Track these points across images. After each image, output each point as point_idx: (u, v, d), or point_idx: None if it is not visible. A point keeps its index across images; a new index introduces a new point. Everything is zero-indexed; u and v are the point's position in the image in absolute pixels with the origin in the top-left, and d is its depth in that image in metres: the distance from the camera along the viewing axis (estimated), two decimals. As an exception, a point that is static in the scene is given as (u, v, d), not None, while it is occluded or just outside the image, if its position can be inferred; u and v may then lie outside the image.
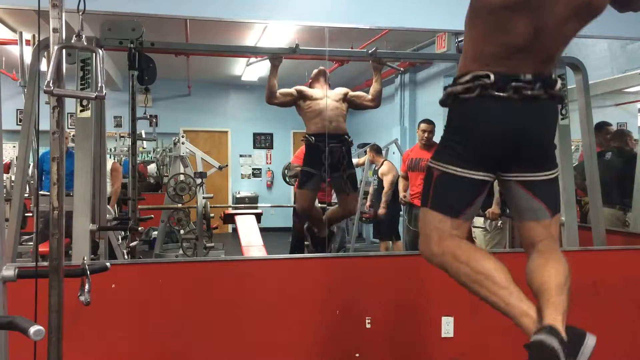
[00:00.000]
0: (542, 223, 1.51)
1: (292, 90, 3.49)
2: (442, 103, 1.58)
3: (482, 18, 1.47)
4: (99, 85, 1.24)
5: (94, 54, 2.50)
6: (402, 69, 6.52)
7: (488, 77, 1.43)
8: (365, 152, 6.36)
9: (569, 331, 1.32)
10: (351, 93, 3.57)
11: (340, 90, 3.59)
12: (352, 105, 3.57)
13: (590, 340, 1.32)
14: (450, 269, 1.47)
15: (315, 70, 3.66)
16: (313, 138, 3.44)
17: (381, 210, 5.21)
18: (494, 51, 1.45)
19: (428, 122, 4.39)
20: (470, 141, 1.48)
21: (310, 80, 3.64)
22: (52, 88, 1.19)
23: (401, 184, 4.73)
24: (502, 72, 1.43)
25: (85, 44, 1.31)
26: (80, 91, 2.47)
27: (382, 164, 5.43)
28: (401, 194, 4.77)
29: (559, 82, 1.51)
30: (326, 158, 3.38)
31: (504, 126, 1.46)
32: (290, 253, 4.39)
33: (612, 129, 4.31)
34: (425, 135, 4.36)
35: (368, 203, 5.66)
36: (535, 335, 1.31)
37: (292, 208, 4.92)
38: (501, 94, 1.43)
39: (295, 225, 4.74)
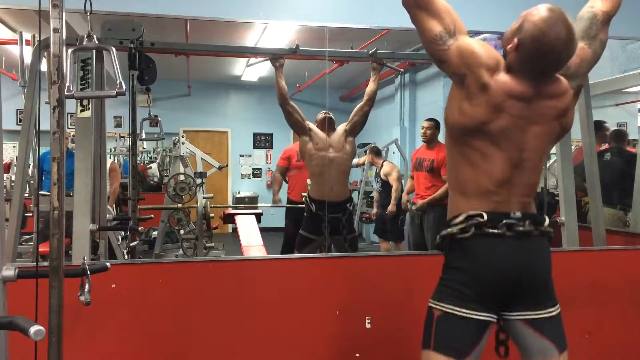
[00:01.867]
0: None
1: (304, 120, 3.45)
2: (438, 247, 1.61)
3: (457, 148, 1.55)
4: (118, 81, 1.25)
5: (94, 54, 2.50)
6: (402, 69, 6.52)
7: (481, 216, 1.48)
8: (366, 152, 6.36)
9: None
10: (348, 123, 3.52)
11: (340, 130, 3.52)
12: (356, 127, 3.52)
13: None
14: None
15: (320, 116, 3.59)
16: (314, 206, 3.41)
17: (391, 208, 5.19)
18: (477, 184, 1.51)
19: (429, 119, 4.40)
20: (470, 280, 1.49)
21: (316, 124, 3.58)
22: (73, 91, 1.19)
23: (408, 184, 4.74)
24: (493, 211, 1.48)
25: (97, 43, 1.31)
26: (100, 91, 2.48)
27: (382, 166, 5.45)
28: (404, 198, 4.78)
29: (547, 219, 1.56)
30: (326, 227, 3.34)
31: (504, 262, 1.48)
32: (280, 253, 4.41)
33: (608, 127, 4.32)
34: (422, 131, 4.37)
35: (374, 210, 5.69)
36: None
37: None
38: (495, 230, 1.47)
39: (287, 227, 4.75)
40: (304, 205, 4.63)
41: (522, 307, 1.50)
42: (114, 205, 4.87)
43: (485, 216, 1.47)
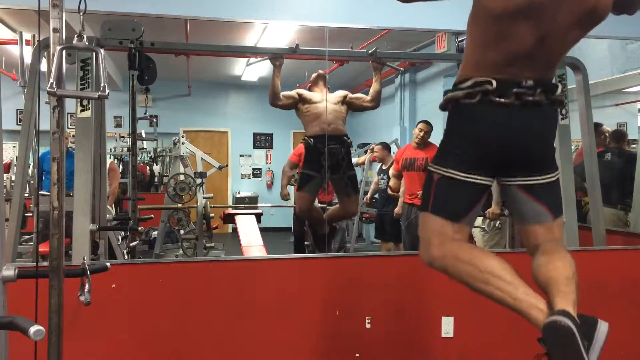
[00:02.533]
0: (544, 226, 1.51)
1: (294, 93, 3.50)
2: (442, 108, 1.58)
3: (484, 25, 1.46)
4: (102, 85, 1.25)
5: (94, 54, 2.50)
6: (402, 69, 6.52)
7: (490, 83, 1.43)
8: (366, 152, 6.32)
9: (581, 318, 1.32)
10: (350, 95, 3.57)
11: (340, 93, 3.59)
12: (352, 107, 3.57)
13: (603, 326, 1.32)
14: (453, 270, 1.46)
15: (314, 75, 3.66)
16: (312, 140, 3.44)
17: (398, 210, 5.13)
18: (496, 58, 1.45)
19: (426, 122, 4.40)
20: (471, 146, 1.47)
21: (309, 84, 3.65)
22: (55, 89, 1.19)
23: (392, 182, 4.73)
24: (504, 79, 1.43)
25: (87, 44, 1.31)
26: (82, 91, 2.48)
27: (392, 163, 5.18)
28: (389, 190, 4.78)
29: (560, 87, 1.51)
30: (326, 159, 3.37)
31: (505, 131, 1.46)
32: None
33: (606, 129, 4.32)
34: (421, 134, 4.35)
35: (368, 196, 5.53)
36: (548, 319, 1.31)
37: (292, 209, 4.91)
38: (502, 100, 1.43)
39: (295, 227, 4.75)
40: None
41: (520, 173, 1.50)
42: (113, 205, 4.87)
43: (495, 84, 1.42)
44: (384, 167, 5.35)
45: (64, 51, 1.23)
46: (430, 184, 1.53)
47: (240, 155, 9.01)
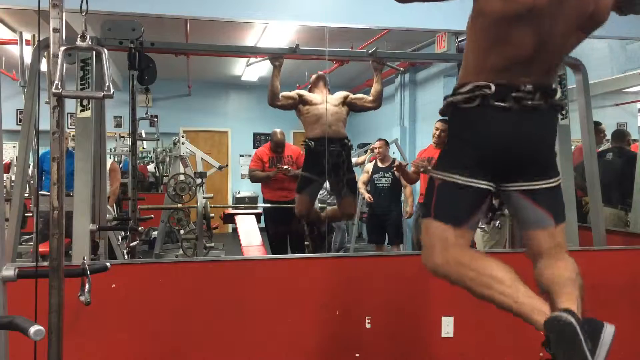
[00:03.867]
0: (547, 231, 1.51)
1: (294, 93, 3.50)
2: (442, 113, 1.58)
3: (483, 30, 1.46)
4: (106, 84, 1.25)
5: (94, 55, 2.50)
6: (402, 69, 6.51)
7: (489, 87, 1.43)
8: (366, 151, 6.30)
9: (586, 320, 1.32)
10: (352, 96, 3.57)
11: (340, 94, 3.58)
12: (353, 108, 3.56)
13: (610, 328, 1.31)
14: (456, 276, 1.46)
15: (314, 76, 3.66)
16: (312, 143, 3.43)
17: (410, 209, 4.95)
18: (495, 63, 1.45)
19: (444, 121, 4.29)
20: (471, 150, 1.47)
21: (310, 85, 3.64)
22: (61, 90, 1.19)
23: (411, 174, 4.68)
24: (503, 83, 1.43)
25: (90, 44, 1.31)
26: (87, 92, 2.48)
27: (391, 162, 5.01)
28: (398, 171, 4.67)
29: (559, 91, 1.52)
30: (326, 162, 3.35)
31: (505, 136, 1.46)
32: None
33: (603, 128, 4.32)
34: (438, 132, 4.25)
35: (363, 190, 5.11)
36: (550, 315, 1.30)
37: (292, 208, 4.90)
38: (502, 104, 1.43)
39: (268, 229, 4.76)
40: (279, 206, 4.64)
41: (521, 178, 1.49)
42: (114, 205, 4.87)
43: (493, 88, 1.42)
44: (381, 165, 5.03)
45: (77, 53, 1.23)
46: (432, 190, 1.53)
47: (240, 155, 9.00)
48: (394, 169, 4.54)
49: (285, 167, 4.60)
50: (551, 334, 1.29)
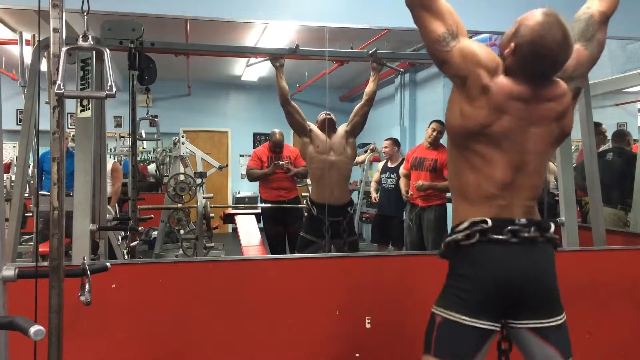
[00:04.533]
0: None
1: (305, 121, 3.44)
2: (443, 254, 1.59)
3: (456, 149, 1.55)
4: (109, 84, 1.25)
5: (94, 54, 2.50)
6: (402, 69, 6.52)
7: (486, 222, 1.47)
8: (366, 151, 6.30)
9: None
10: (348, 124, 3.51)
11: (341, 133, 3.50)
12: (356, 128, 3.51)
13: None
14: None
15: (320, 117, 3.55)
16: (315, 209, 3.42)
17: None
18: (479, 188, 1.51)
19: (440, 122, 4.28)
20: (473, 286, 1.48)
21: (317, 124, 3.56)
22: (63, 90, 1.19)
23: (402, 182, 4.64)
24: (498, 217, 1.48)
25: (92, 44, 1.31)
26: (89, 91, 2.48)
27: (401, 161, 4.92)
28: (403, 190, 4.58)
29: (552, 225, 1.56)
30: (327, 230, 3.35)
31: (508, 269, 1.47)
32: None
33: (604, 129, 4.31)
34: (434, 134, 4.26)
35: (374, 195, 5.23)
36: None
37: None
38: (500, 237, 1.47)
39: (266, 230, 4.76)
40: (277, 205, 4.64)
41: (528, 315, 1.49)
42: (116, 205, 4.88)
43: (490, 222, 1.47)
44: (390, 165, 4.99)
45: (78, 53, 1.24)
46: (432, 326, 1.53)
47: (240, 155, 9.00)
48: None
49: (282, 162, 4.60)
50: None
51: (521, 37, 1.44)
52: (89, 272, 1.38)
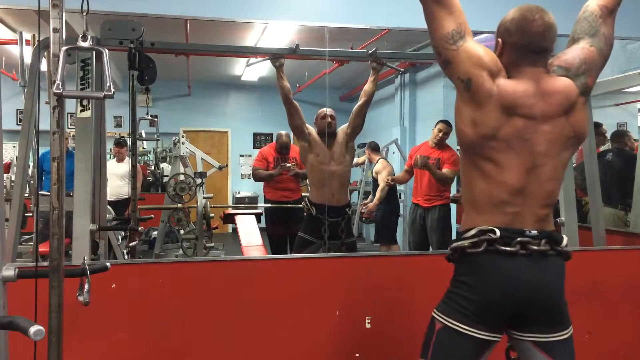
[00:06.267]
0: None
1: (304, 124, 3.42)
2: (449, 259, 1.57)
3: (468, 157, 1.52)
4: (107, 84, 1.25)
5: (94, 54, 2.51)
6: (402, 69, 6.51)
7: (494, 232, 1.43)
8: (365, 151, 6.31)
9: None
10: (348, 127, 3.50)
11: (340, 139, 3.49)
12: (356, 129, 3.49)
13: None
14: None
15: (321, 114, 3.52)
16: (314, 209, 3.42)
17: (371, 205, 5.11)
18: (489, 195, 1.48)
19: (447, 123, 4.29)
20: (476, 295, 1.45)
21: (315, 122, 3.55)
22: (62, 90, 1.19)
23: (400, 175, 4.71)
24: (507, 228, 1.44)
25: (92, 44, 1.31)
26: (88, 92, 2.48)
27: (377, 162, 5.30)
28: (389, 178, 4.76)
29: (565, 238, 1.50)
30: (325, 230, 3.35)
31: (515, 283, 1.44)
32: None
33: (604, 129, 4.31)
34: (440, 135, 4.26)
35: (365, 201, 5.51)
36: None
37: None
38: (508, 248, 1.43)
39: (268, 230, 4.78)
40: (280, 206, 4.66)
41: (532, 328, 1.46)
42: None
43: (498, 233, 1.43)
44: (372, 166, 5.34)
45: (77, 53, 1.24)
46: (431, 332, 1.51)
47: (240, 155, 9.00)
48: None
49: (288, 164, 4.61)
50: None
51: (503, 28, 1.50)
52: (88, 272, 1.38)
